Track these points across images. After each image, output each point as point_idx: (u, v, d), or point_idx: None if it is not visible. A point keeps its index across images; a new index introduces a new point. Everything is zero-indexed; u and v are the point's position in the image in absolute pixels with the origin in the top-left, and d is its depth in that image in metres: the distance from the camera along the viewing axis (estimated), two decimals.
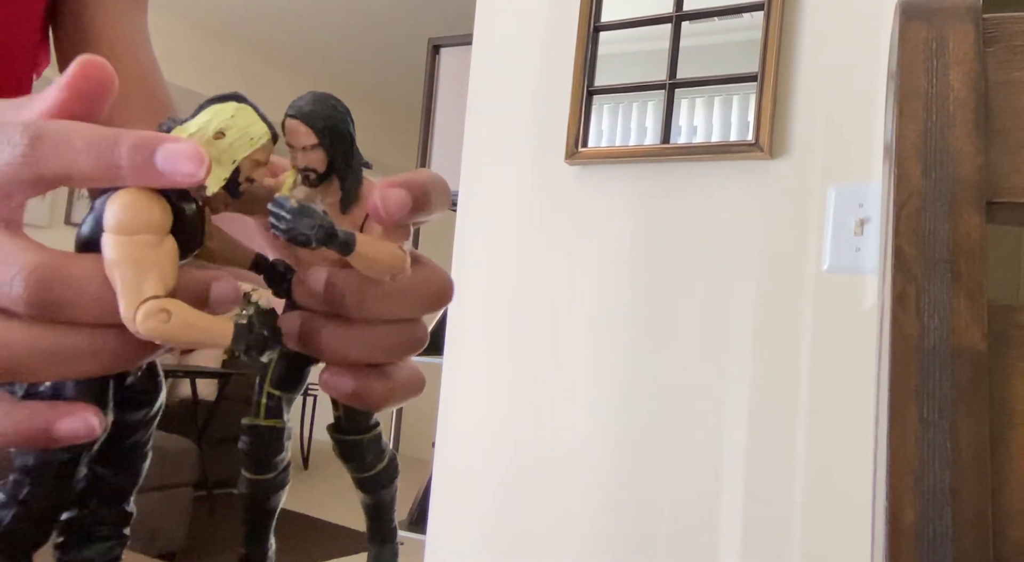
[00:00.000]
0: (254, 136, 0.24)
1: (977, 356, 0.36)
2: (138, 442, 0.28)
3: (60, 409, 0.24)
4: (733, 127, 1.22)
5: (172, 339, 0.23)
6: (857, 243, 1.13)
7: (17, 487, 0.26)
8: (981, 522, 0.35)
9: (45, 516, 0.26)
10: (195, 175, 0.23)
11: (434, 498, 1.45)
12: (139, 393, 0.27)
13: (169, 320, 0.23)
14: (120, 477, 0.28)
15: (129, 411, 0.27)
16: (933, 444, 0.36)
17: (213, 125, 0.24)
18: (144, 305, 0.22)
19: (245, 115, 0.25)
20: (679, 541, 1.20)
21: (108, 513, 0.28)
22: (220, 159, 0.24)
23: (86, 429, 0.24)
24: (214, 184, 0.24)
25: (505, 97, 1.46)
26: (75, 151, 0.23)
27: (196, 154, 0.23)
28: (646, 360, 1.27)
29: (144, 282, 0.23)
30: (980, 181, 0.37)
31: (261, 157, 0.25)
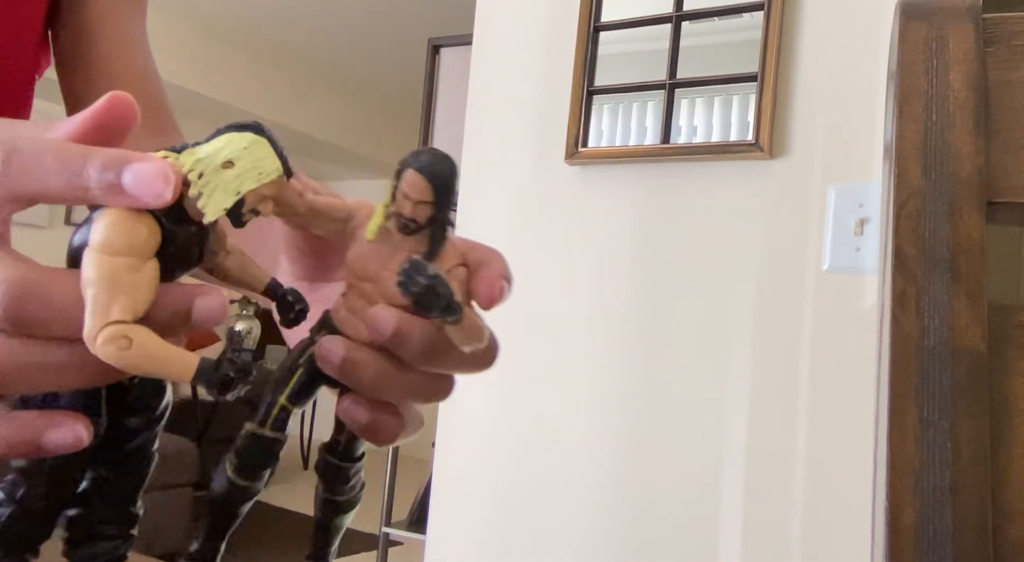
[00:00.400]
0: (263, 171, 0.24)
1: (977, 356, 0.36)
2: (141, 445, 0.28)
3: (48, 419, 0.24)
4: (733, 127, 1.22)
5: (129, 367, 0.23)
6: (857, 243, 1.13)
7: (13, 487, 0.26)
8: (981, 522, 0.35)
9: (42, 515, 0.26)
10: (162, 196, 0.22)
11: (434, 498, 1.45)
12: (141, 397, 0.27)
13: (128, 348, 0.22)
14: (124, 479, 0.28)
15: (131, 415, 0.27)
16: (933, 444, 0.36)
17: (224, 153, 0.24)
18: (107, 329, 0.22)
19: (259, 148, 0.24)
20: (679, 541, 1.20)
21: (113, 513, 0.28)
22: (225, 188, 0.24)
23: (74, 440, 0.24)
24: (212, 213, 0.24)
25: (505, 97, 1.46)
26: (46, 170, 0.22)
27: (163, 174, 0.22)
28: (646, 360, 1.27)
29: (113, 305, 0.22)
30: (980, 181, 0.37)
31: (269, 192, 0.24)
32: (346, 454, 0.31)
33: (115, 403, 0.27)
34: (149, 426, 0.28)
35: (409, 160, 0.27)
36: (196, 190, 0.24)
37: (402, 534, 2.04)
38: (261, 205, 0.25)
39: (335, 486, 0.31)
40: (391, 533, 2.02)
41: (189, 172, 0.24)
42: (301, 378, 0.29)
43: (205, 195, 0.24)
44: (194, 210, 0.24)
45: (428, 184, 0.26)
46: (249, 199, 0.24)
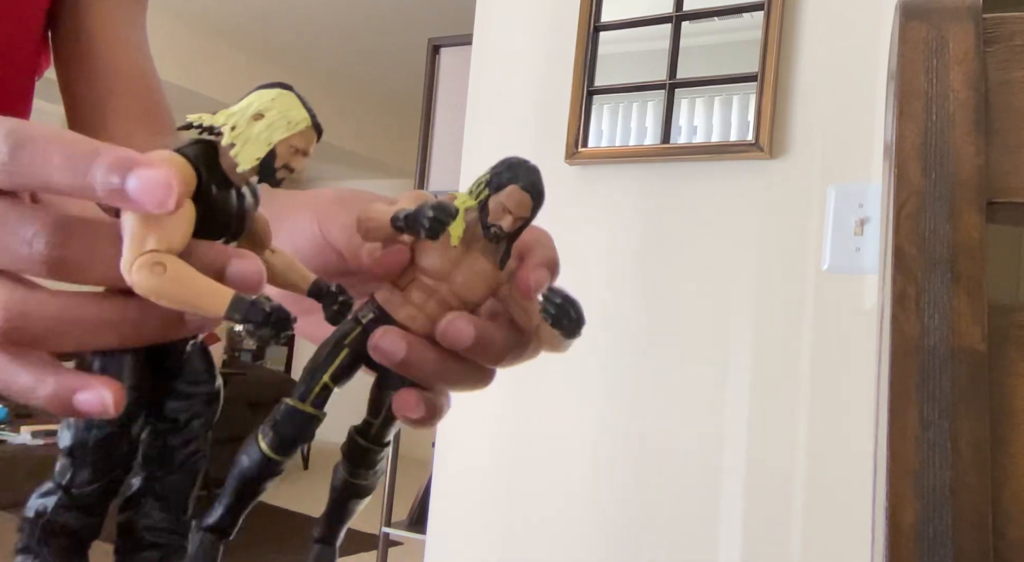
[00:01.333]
0: (292, 120, 0.25)
1: (977, 356, 0.36)
2: (190, 438, 0.27)
3: (83, 380, 0.24)
4: (733, 127, 1.22)
5: (162, 294, 0.22)
6: (857, 243, 1.13)
7: (62, 473, 0.26)
8: (981, 522, 0.35)
9: (90, 505, 0.26)
10: (164, 205, 0.22)
11: (434, 498, 1.45)
12: (188, 383, 0.27)
13: (162, 274, 0.22)
14: (174, 478, 0.27)
15: (176, 401, 0.27)
16: (933, 444, 0.36)
17: (253, 107, 0.25)
18: (142, 257, 0.22)
19: (286, 100, 0.25)
20: (680, 540, 1.20)
21: (163, 519, 0.27)
22: (257, 139, 0.24)
23: (100, 406, 0.24)
24: (245, 162, 0.24)
25: (505, 97, 1.46)
26: (52, 166, 0.22)
27: (166, 183, 0.22)
28: (646, 359, 1.27)
29: (148, 236, 0.23)
30: (980, 181, 0.37)
31: (300, 144, 0.25)
32: (377, 438, 0.31)
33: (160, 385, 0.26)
34: (197, 415, 0.27)
35: (507, 174, 0.28)
36: (229, 140, 0.24)
37: (402, 534, 2.04)
38: (293, 159, 0.25)
39: (359, 469, 0.31)
40: (391, 533, 2.02)
41: (223, 126, 0.24)
42: (345, 359, 0.29)
43: (238, 145, 0.24)
44: (229, 165, 0.24)
45: (533, 205, 0.28)
46: (280, 151, 0.24)
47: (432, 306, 0.29)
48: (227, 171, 0.25)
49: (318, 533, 0.32)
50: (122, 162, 0.22)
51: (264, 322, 0.23)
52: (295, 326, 0.25)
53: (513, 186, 0.28)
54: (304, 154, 0.25)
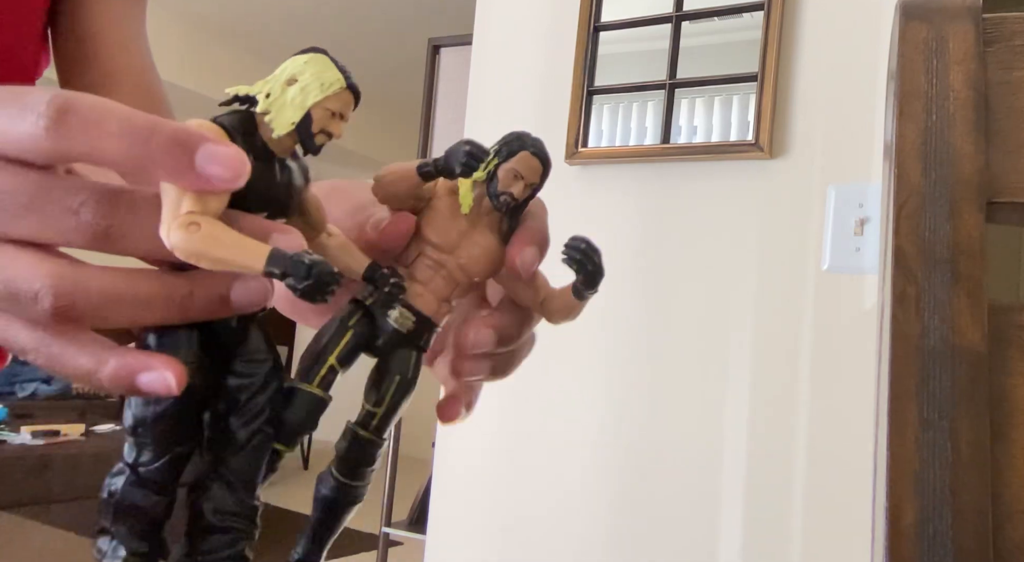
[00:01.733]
0: (325, 82, 0.24)
1: (977, 356, 0.36)
2: (251, 417, 0.26)
3: (145, 361, 0.24)
4: (733, 127, 1.22)
5: (199, 253, 0.22)
6: (857, 243, 1.13)
7: (128, 452, 0.26)
8: (981, 522, 0.35)
9: (157, 484, 0.26)
10: (233, 182, 0.22)
11: (434, 498, 1.45)
12: (248, 361, 0.26)
13: (197, 232, 0.22)
14: (238, 459, 0.26)
15: (235, 378, 0.26)
16: (933, 444, 0.36)
17: (287, 72, 0.25)
18: (177, 218, 0.22)
19: (318, 62, 0.25)
20: (679, 541, 1.20)
21: (231, 502, 0.27)
22: (292, 103, 0.24)
23: (164, 386, 0.23)
24: (280, 127, 0.24)
25: (505, 97, 1.46)
26: (106, 133, 0.22)
27: (238, 161, 0.22)
28: (646, 359, 1.27)
29: (183, 199, 0.22)
30: (980, 181, 0.37)
31: (335, 106, 0.24)
32: (379, 429, 0.30)
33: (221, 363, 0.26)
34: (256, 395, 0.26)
35: (516, 143, 0.28)
36: (264, 107, 0.24)
37: (402, 534, 2.04)
38: (331, 124, 0.24)
39: (359, 468, 0.30)
40: (391, 533, 2.02)
41: (258, 94, 0.24)
42: (350, 341, 0.29)
43: (274, 111, 0.24)
44: (268, 133, 0.24)
45: (540, 167, 0.28)
46: (316, 115, 0.24)
47: (438, 282, 0.29)
48: (267, 141, 0.24)
49: (300, 553, 0.30)
50: (189, 135, 0.22)
51: (306, 275, 0.22)
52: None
53: (524, 152, 0.28)
54: (342, 117, 0.25)
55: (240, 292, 0.24)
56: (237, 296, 0.24)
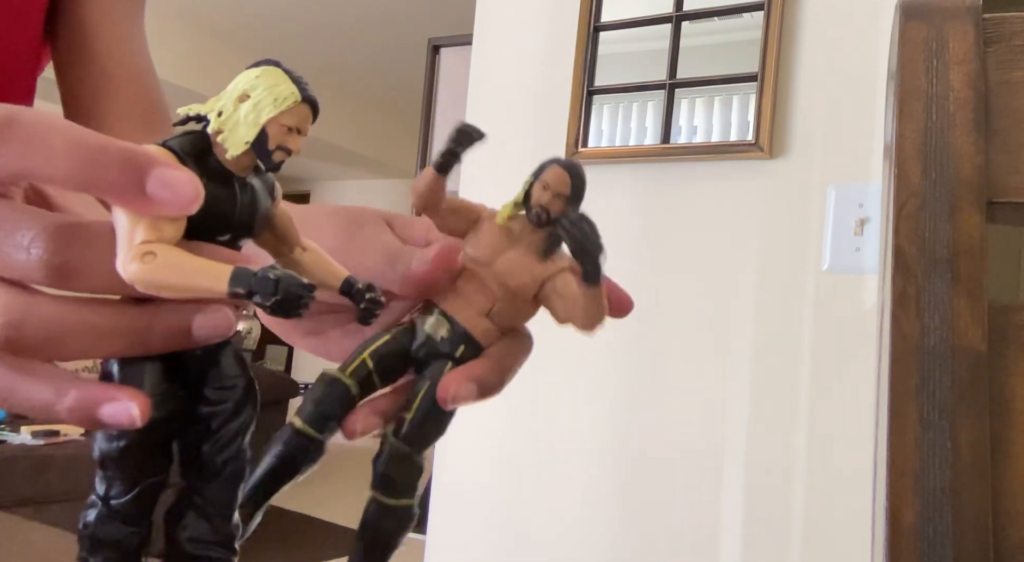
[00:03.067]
0: (279, 96, 0.23)
1: (977, 356, 0.36)
2: (224, 444, 0.26)
3: (107, 392, 0.23)
4: (733, 127, 1.22)
5: (159, 284, 0.21)
6: (857, 243, 1.13)
7: (99, 485, 0.25)
8: (981, 522, 0.34)
9: (130, 515, 0.25)
10: (185, 208, 0.21)
11: (434, 498, 1.45)
12: (217, 389, 0.26)
13: (153, 261, 0.21)
14: (213, 487, 0.26)
15: (205, 406, 0.26)
16: (933, 444, 0.36)
17: (239, 88, 0.23)
18: (132, 249, 0.21)
19: (271, 75, 0.23)
20: (679, 539, 1.20)
21: (206, 530, 0.26)
22: (245, 120, 0.23)
23: (127, 418, 0.22)
24: (235, 147, 0.23)
25: (505, 97, 1.46)
26: (51, 150, 0.21)
27: (191, 186, 0.21)
28: (646, 359, 1.27)
29: (137, 229, 0.21)
30: (980, 181, 0.37)
31: (291, 122, 0.23)
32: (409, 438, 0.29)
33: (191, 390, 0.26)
34: (228, 422, 0.26)
35: (547, 162, 0.29)
36: (216, 126, 0.23)
37: None
38: (289, 140, 0.23)
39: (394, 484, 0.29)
40: None
41: (210, 113, 0.23)
42: (388, 342, 0.30)
43: (227, 131, 0.23)
44: (223, 153, 0.23)
45: (569, 179, 0.28)
46: (272, 132, 0.23)
47: (477, 296, 0.30)
48: (223, 161, 0.24)
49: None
50: (141, 156, 0.21)
51: (273, 291, 0.21)
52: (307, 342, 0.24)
53: (553, 165, 0.29)
54: (299, 132, 0.24)
55: (202, 324, 0.24)
56: (199, 328, 0.24)
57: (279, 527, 3.54)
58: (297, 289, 0.22)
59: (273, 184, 0.26)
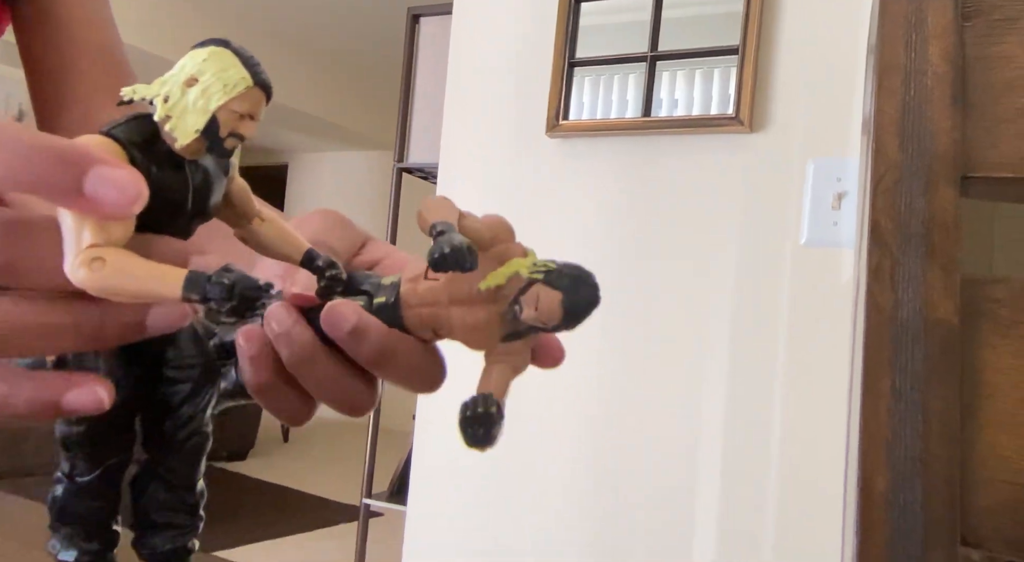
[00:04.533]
0: (229, 82, 0.22)
1: (949, 328, 0.36)
2: (186, 420, 0.26)
3: (68, 380, 0.22)
4: (714, 100, 1.22)
5: (109, 289, 0.21)
6: (835, 217, 1.14)
7: (64, 464, 0.26)
8: (950, 490, 0.35)
9: (95, 490, 0.26)
10: (127, 208, 0.20)
11: (415, 470, 1.46)
12: (178, 367, 0.26)
13: (103, 269, 0.20)
14: (174, 461, 0.26)
15: (168, 385, 0.26)
16: (905, 415, 0.36)
17: (186, 71, 0.22)
18: (80, 254, 0.21)
19: (220, 58, 0.22)
20: (657, 509, 1.22)
21: (169, 499, 0.27)
22: (194, 107, 0.22)
23: (94, 402, 0.22)
24: (184, 136, 0.22)
25: (485, 68, 1.44)
26: None
27: (133, 184, 0.20)
28: (626, 332, 1.28)
29: (83, 230, 0.21)
30: (956, 156, 0.38)
31: (242, 108, 0.22)
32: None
33: (150, 370, 0.26)
34: (190, 398, 0.26)
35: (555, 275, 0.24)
36: (163, 113, 0.22)
37: (382, 505, 2.05)
38: (241, 126, 0.22)
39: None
40: (371, 504, 2.03)
41: (155, 98, 0.22)
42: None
43: (175, 118, 0.22)
44: (171, 140, 0.22)
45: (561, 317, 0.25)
46: (223, 118, 0.22)
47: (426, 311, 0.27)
48: (171, 145, 0.22)
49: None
50: (78, 154, 0.20)
51: (228, 296, 0.21)
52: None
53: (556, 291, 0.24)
54: (252, 117, 0.22)
55: (156, 318, 0.23)
56: (154, 322, 0.23)
57: (257, 498, 3.55)
58: (252, 292, 0.21)
59: (228, 161, 0.25)
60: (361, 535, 2.04)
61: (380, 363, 0.26)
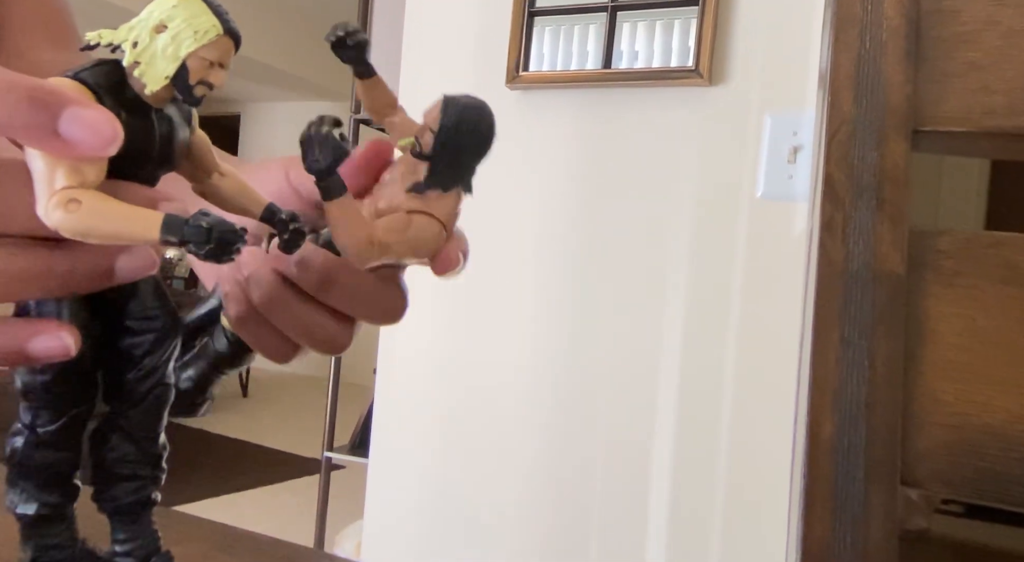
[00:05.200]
0: (199, 29, 0.22)
1: (896, 279, 0.38)
2: (148, 372, 0.26)
3: (34, 327, 0.22)
4: (674, 52, 1.21)
5: (85, 231, 0.21)
6: (790, 171, 1.15)
7: (24, 415, 0.25)
8: (891, 433, 0.37)
9: (57, 441, 0.25)
10: (102, 149, 0.20)
11: (376, 424, 1.47)
12: (140, 319, 0.25)
13: (78, 210, 0.20)
14: (137, 412, 0.26)
15: (128, 337, 0.26)
16: (852, 363, 0.38)
17: (154, 17, 0.22)
18: (54, 197, 0.20)
19: (189, 5, 0.22)
20: (616, 450, 1.25)
21: (132, 451, 0.27)
22: (163, 54, 0.21)
23: (61, 348, 0.22)
24: (153, 82, 0.22)
25: (444, 18, 1.41)
26: None
27: (108, 125, 0.20)
28: (586, 284, 1.29)
29: (56, 172, 0.20)
30: (908, 109, 0.38)
31: (212, 56, 0.22)
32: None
33: (112, 322, 0.25)
34: (153, 350, 0.26)
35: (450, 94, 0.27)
36: (132, 58, 0.22)
37: (344, 458, 2.06)
38: (211, 75, 0.22)
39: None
40: (333, 457, 2.05)
41: (123, 43, 0.22)
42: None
43: (144, 64, 0.22)
44: (139, 85, 0.22)
45: (440, 115, 0.26)
46: (192, 66, 0.22)
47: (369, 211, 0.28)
48: (139, 92, 0.22)
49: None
50: (50, 95, 0.20)
51: (207, 239, 0.21)
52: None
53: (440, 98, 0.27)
54: (222, 66, 0.22)
55: (125, 264, 0.23)
56: (121, 268, 0.23)
57: (217, 453, 3.54)
58: (230, 236, 0.21)
59: (189, 112, 0.25)
60: (323, 488, 2.05)
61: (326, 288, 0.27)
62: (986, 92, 0.37)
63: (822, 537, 0.37)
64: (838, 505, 0.37)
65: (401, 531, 1.43)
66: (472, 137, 0.26)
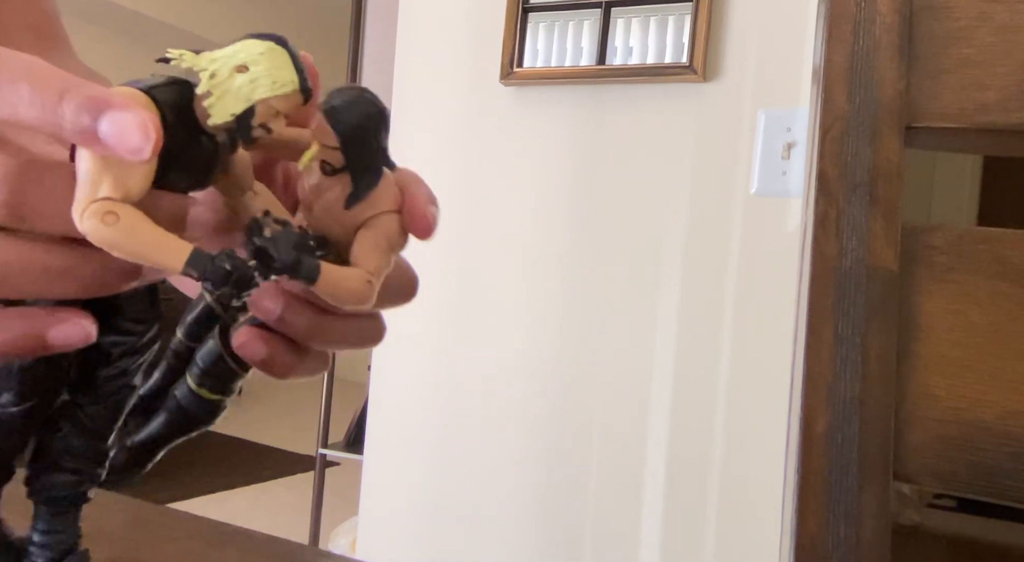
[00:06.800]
0: (278, 81, 0.23)
1: (889, 275, 0.38)
2: (119, 372, 0.26)
3: (53, 314, 0.23)
4: (668, 48, 1.21)
5: (115, 246, 0.21)
6: (784, 167, 1.16)
7: None
8: (883, 428, 0.37)
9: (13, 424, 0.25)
10: (140, 152, 0.21)
11: (371, 420, 1.47)
12: (130, 320, 0.26)
13: (115, 223, 0.21)
14: (97, 408, 0.26)
15: (113, 335, 0.26)
16: (846, 358, 0.38)
17: (239, 57, 0.23)
18: (94, 204, 0.21)
19: (276, 56, 0.23)
20: (609, 445, 1.26)
21: (80, 444, 0.27)
22: (237, 93, 0.22)
23: (82, 335, 0.23)
24: (219, 116, 0.22)
25: (439, 13, 1.41)
26: (19, 97, 0.21)
27: (143, 127, 0.21)
28: (580, 280, 1.29)
29: (103, 181, 0.21)
30: (901, 106, 0.38)
31: (281, 106, 0.23)
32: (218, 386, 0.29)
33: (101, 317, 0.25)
34: (130, 352, 0.26)
35: (324, 100, 0.25)
36: (205, 88, 0.22)
37: (339, 455, 2.07)
38: (273, 121, 0.23)
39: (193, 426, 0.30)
40: (328, 454, 2.05)
41: (201, 71, 0.22)
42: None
43: (215, 96, 0.22)
44: (203, 112, 0.23)
45: (331, 130, 0.25)
46: (260, 110, 0.23)
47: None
48: (200, 118, 0.23)
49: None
50: (95, 100, 0.21)
51: (224, 281, 0.22)
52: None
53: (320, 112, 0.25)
54: (285, 117, 0.24)
55: (151, 273, 0.24)
56: (148, 270, 0.24)
57: (211, 450, 3.54)
58: (244, 284, 0.22)
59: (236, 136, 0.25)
60: (318, 485, 2.05)
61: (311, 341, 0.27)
62: (979, 88, 0.37)
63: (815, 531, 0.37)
64: (831, 499, 0.37)
65: (396, 527, 1.43)
66: (370, 123, 0.25)
